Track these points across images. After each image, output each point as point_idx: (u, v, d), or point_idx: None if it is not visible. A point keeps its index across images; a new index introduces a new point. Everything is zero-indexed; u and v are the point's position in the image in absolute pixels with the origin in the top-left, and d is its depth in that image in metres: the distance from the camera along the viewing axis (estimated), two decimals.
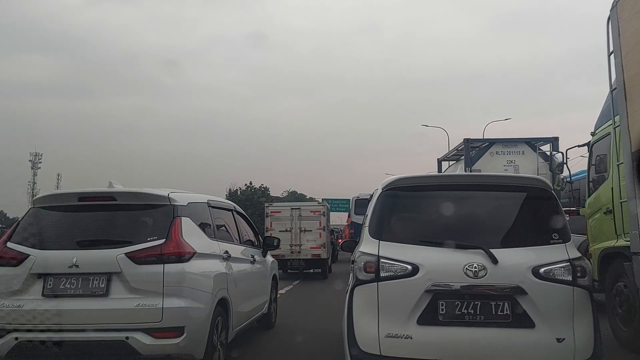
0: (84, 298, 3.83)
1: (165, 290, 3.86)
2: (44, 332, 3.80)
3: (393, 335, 3.41)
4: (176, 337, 3.82)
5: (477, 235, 3.61)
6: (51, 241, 4.05)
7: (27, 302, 3.85)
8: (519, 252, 3.51)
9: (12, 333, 3.80)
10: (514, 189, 3.88)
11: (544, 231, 3.61)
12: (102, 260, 3.89)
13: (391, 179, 3.97)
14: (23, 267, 3.91)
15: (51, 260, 3.91)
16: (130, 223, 4.18)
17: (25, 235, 4.11)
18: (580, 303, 3.43)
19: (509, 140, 12.85)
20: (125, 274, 3.85)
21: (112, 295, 3.84)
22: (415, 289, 3.43)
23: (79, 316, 3.79)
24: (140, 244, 3.94)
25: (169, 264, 3.93)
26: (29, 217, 4.27)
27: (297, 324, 7.22)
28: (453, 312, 3.40)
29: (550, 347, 3.32)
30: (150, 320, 3.79)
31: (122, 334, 3.74)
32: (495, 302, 3.39)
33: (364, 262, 3.57)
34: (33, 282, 3.89)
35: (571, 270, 3.44)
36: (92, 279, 3.86)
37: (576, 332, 3.36)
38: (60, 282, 3.88)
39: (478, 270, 3.39)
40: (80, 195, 4.26)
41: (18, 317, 3.82)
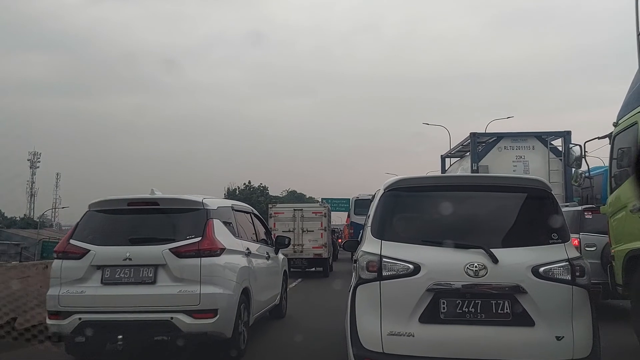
0: (135, 285, 4.73)
1: (202, 279, 4.75)
2: (103, 313, 4.71)
3: (395, 333, 3.52)
4: (211, 318, 4.71)
5: (478, 235, 3.71)
6: (107, 238, 4.95)
7: (88, 289, 4.76)
8: (518, 252, 3.61)
9: (76, 314, 4.69)
10: (514, 190, 4.00)
11: (543, 231, 3.72)
12: (151, 254, 4.79)
13: (393, 179, 4.10)
14: (85, 260, 4.81)
15: (109, 254, 4.82)
16: (172, 224, 5.08)
17: (85, 233, 5.01)
18: (579, 302, 3.53)
19: (518, 135, 12.38)
20: (169, 266, 4.75)
21: (159, 283, 4.74)
22: (417, 288, 3.54)
23: (131, 300, 4.69)
24: (181, 241, 4.84)
25: (205, 257, 4.83)
26: (86, 219, 5.18)
27: (304, 315, 8.15)
28: (454, 311, 3.51)
29: (549, 344, 3.42)
30: (190, 304, 4.68)
31: (167, 315, 4.63)
32: (495, 301, 3.50)
33: (367, 262, 3.68)
34: (93, 272, 4.80)
35: (570, 269, 3.54)
36: (142, 269, 4.77)
37: (575, 330, 3.45)
38: (116, 272, 4.78)
39: (479, 270, 3.49)
40: (129, 200, 5.19)
41: (81, 301, 4.72)
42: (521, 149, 12.14)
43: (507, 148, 12.17)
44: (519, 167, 11.94)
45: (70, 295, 4.74)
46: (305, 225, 15.46)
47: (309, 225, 15.48)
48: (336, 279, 14.76)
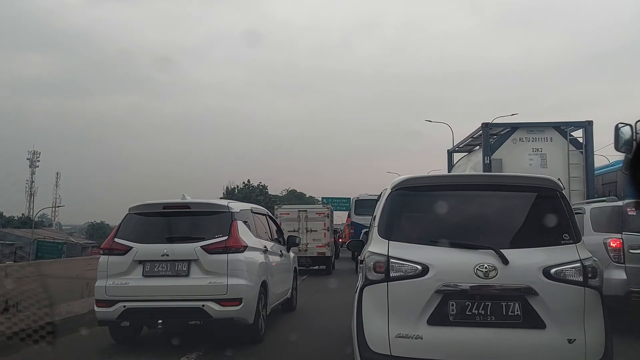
0: (172, 277, 5.59)
1: (229, 272, 5.60)
2: (144, 301, 5.55)
3: (403, 336, 3.51)
4: (236, 305, 5.56)
5: (488, 236, 3.69)
6: (147, 237, 5.80)
7: (131, 280, 5.61)
8: (529, 253, 3.58)
9: (121, 302, 5.55)
10: (524, 189, 3.95)
11: (554, 231, 3.68)
12: (185, 251, 5.64)
13: (400, 178, 4.09)
14: (128, 255, 5.67)
15: (148, 251, 5.67)
16: (202, 224, 5.93)
17: (127, 233, 5.87)
18: (591, 304, 3.49)
19: (534, 125, 11.55)
20: (200, 261, 5.60)
21: (192, 275, 5.59)
22: (425, 289, 3.52)
23: (169, 290, 5.54)
24: (211, 240, 5.69)
25: (231, 253, 5.68)
26: (127, 220, 6.03)
27: (312, 309, 9.02)
28: (463, 313, 3.49)
29: (561, 347, 3.40)
30: (218, 293, 5.53)
31: (199, 303, 5.48)
32: (506, 303, 3.47)
33: (374, 262, 3.67)
34: (135, 266, 5.65)
35: (582, 270, 3.51)
36: (177, 264, 5.62)
37: (587, 333, 3.42)
38: (155, 266, 5.64)
39: (489, 271, 3.47)
40: (164, 205, 6.06)
41: (125, 291, 5.57)
42: (538, 140, 11.27)
43: (523, 140, 11.28)
44: (535, 160, 11.13)
45: (115, 286, 5.60)
46: (309, 225, 16.60)
47: (313, 225, 16.60)
48: (339, 276, 15.80)
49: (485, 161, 11.14)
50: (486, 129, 11.51)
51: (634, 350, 5.53)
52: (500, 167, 10.95)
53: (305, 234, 16.28)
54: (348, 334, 4.18)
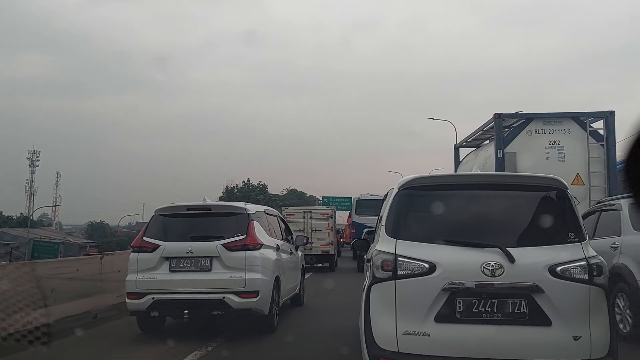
0: (196, 272, 6.30)
1: (247, 267, 6.29)
2: (171, 294, 6.25)
3: (410, 333, 3.59)
4: (254, 298, 6.25)
5: (494, 234, 3.77)
6: (172, 236, 6.51)
7: (159, 275, 6.31)
8: (535, 251, 3.66)
9: (150, 295, 6.24)
10: (530, 189, 4.05)
11: (560, 230, 3.77)
12: (207, 249, 6.35)
13: (407, 178, 4.17)
14: (156, 253, 6.37)
15: (174, 248, 6.38)
16: (222, 224, 6.64)
17: (154, 232, 6.57)
18: (596, 301, 3.58)
19: (551, 116, 10.90)
20: (221, 257, 6.31)
21: (214, 270, 6.30)
22: (432, 287, 3.60)
23: (193, 284, 6.24)
24: (230, 238, 6.39)
25: (248, 251, 6.38)
26: (154, 221, 6.75)
27: (318, 303, 9.74)
28: (470, 310, 3.57)
29: (566, 344, 3.48)
30: (238, 286, 6.23)
31: (221, 295, 6.17)
32: (512, 300, 3.55)
33: (382, 261, 3.76)
34: (162, 262, 6.36)
35: (587, 269, 3.59)
36: (201, 260, 6.33)
37: (592, 330, 3.50)
38: (180, 262, 6.35)
39: (495, 269, 3.55)
40: (187, 207, 6.78)
41: (154, 284, 6.27)
42: (555, 132, 10.65)
43: (539, 132, 10.65)
44: (552, 154, 10.51)
45: (145, 280, 6.31)
46: (314, 225, 17.86)
47: (317, 225, 17.87)
48: (341, 273, 16.79)
49: (497, 155, 10.50)
50: (498, 120, 10.77)
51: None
52: (514, 161, 10.41)
53: (310, 233, 17.40)
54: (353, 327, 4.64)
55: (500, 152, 10.59)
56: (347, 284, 12.99)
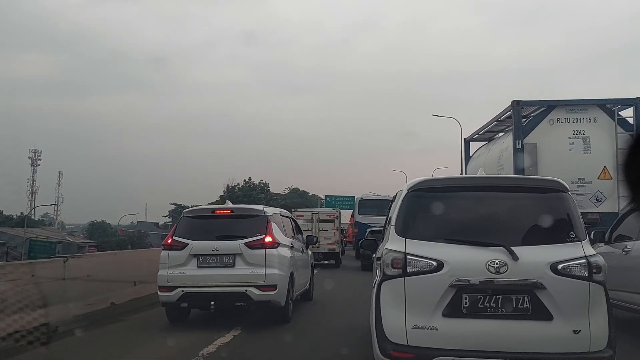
0: (221, 268, 7.16)
1: (266, 263, 7.16)
2: (199, 287, 7.12)
3: (419, 327, 3.85)
4: (272, 291, 7.11)
5: (498, 234, 4.02)
6: (199, 235, 7.37)
7: (188, 270, 7.18)
8: (537, 250, 3.90)
9: (180, 288, 7.11)
10: (532, 190, 4.34)
11: (561, 230, 4.04)
12: (231, 247, 7.21)
13: (416, 180, 4.48)
14: (185, 250, 7.24)
15: (201, 247, 7.24)
16: (243, 225, 7.51)
17: (183, 232, 7.44)
18: (595, 297, 3.81)
19: (575, 103, 10.14)
20: (243, 254, 7.19)
21: (237, 266, 7.17)
22: (440, 284, 3.87)
23: (218, 278, 7.09)
24: (251, 237, 7.26)
25: (267, 249, 7.25)
26: (182, 222, 7.63)
27: (326, 298, 10.64)
28: (476, 305, 3.83)
29: (567, 338, 3.73)
30: (258, 281, 7.09)
31: (243, 288, 7.04)
32: (515, 296, 3.81)
33: (392, 259, 4.03)
34: (191, 259, 7.23)
35: (587, 266, 3.83)
36: (225, 257, 7.14)
37: (592, 324, 3.75)
38: (207, 259, 7.23)
39: (499, 267, 3.81)
40: (212, 209, 7.71)
41: (183, 279, 7.14)
42: (580, 121, 9.95)
43: (561, 120, 9.96)
44: (577, 144, 9.79)
45: (175, 275, 7.19)
46: (321, 225, 20.15)
47: (324, 225, 20.16)
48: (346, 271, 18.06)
49: (516, 146, 9.84)
50: (517, 108, 10.05)
51: None
52: (534, 152, 9.78)
53: (317, 232, 19.36)
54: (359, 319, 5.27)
55: (519, 143, 9.82)
56: (351, 282, 14.07)
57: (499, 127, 12.36)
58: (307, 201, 66.51)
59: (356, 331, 6.53)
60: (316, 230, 19.64)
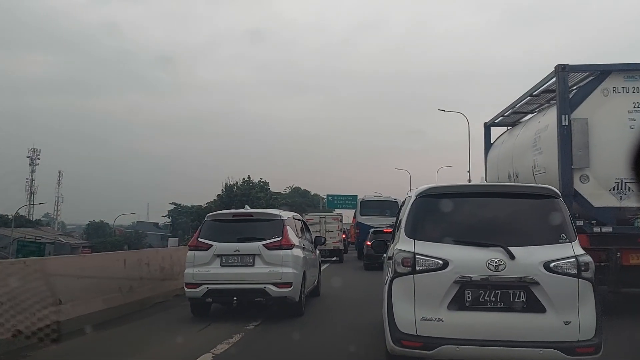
0: (242, 267, 8.14)
1: (282, 263, 8.21)
2: (222, 284, 8.15)
3: (427, 319, 4.40)
4: (288, 288, 8.15)
5: (497, 235, 4.55)
6: (222, 237, 8.40)
7: (212, 269, 8.23)
8: (532, 250, 4.43)
9: (205, 285, 8.15)
10: (528, 196, 4.97)
11: (553, 232, 4.56)
12: (251, 248, 8.26)
13: (424, 187, 5.08)
14: (210, 251, 8.28)
15: (224, 247, 8.22)
16: (262, 228, 8.56)
17: (207, 234, 8.48)
18: (584, 292, 4.33)
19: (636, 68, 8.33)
20: (262, 255, 8.19)
21: (256, 265, 8.22)
22: (445, 280, 4.41)
23: (240, 276, 8.09)
24: (269, 239, 8.30)
25: (284, 250, 8.29)
26: (206, 225, 8.67)
27: (333, 293, 11.76)
28: (477, 300, 4.36)
29: (559, 328, 4.25)
30: (276, 279, 8.14)
31: (262, 285, 8.08)
32: (512, 291, 4.34)
33: (402, 258, 4.59)
34: (215, 259, 8.27)
35: (577, 264, 4.36)
36: (245, 257, 8.20)
37: (581, 316, 4.28)
38: (229, 258, 8.23)
39: (498, 265, 4.34)
40: (233, 214, 8.79)
41: (208, 276, 8.17)
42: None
43: (618, 90, 8.26)
44: (638, 120, 8.04)
45: (200, 273, 8.24)
46: (327, 227, 25.15)
47: (330, 227, 25.18)
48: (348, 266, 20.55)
49: (561, 122, 8.26)
50: (562, 75, 8.38)
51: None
52: (585, 130, 8.19)
53: (324, 233, 23.78)
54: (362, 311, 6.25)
55: (565, 118, 8.28)
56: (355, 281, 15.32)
57: (530, 106, 10.61)
58: (308, 200, 67.66)
59: (363, 323, 7.59)
60: (323, 231, 24.00)
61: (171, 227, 61.54)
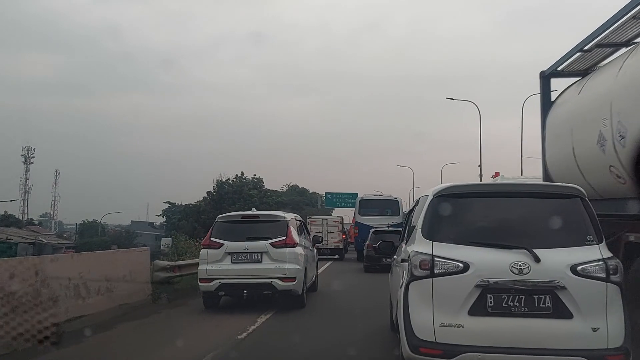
0: (250, 263, 9.56)
1: (287, 260, 9.60)
2: (233, 279, 9.56)
3: (447, 325, 4.33)
4: (293, 282, 9.57)
5: (520, 237, 4.48)
6: (233, 236, 9.80)
7: (223, 265, 9.62)
8: (558, 252, 4.37)
9: (217, 279, 9.56)
10: (552, 196, 4.91)
11: (579, 233, 4.51)
12: (259, 246, 9.65)
13: (442, 186, 5.04)
14: (221, 249, 9.67)
15: (235, 246, 9.64)
16: (268, 228, 9.94)
17: (218, 234, 9.88)
18: (612, 297, 4.25)
19: None
20: (269, 252, 9.57)
21: (263, 262, 9.61)
22: (466, 284, 4.34)
23: (249, 272, 9.50)
24: (275, 238, 9.70)
25: (288, 248, 9.71)
26: (218, 225, 10.06)
27: (330, 289, 13.27)
28: (500, 305, 4.29)
29: (586, 335, 4.17)
30: (281, 274, 9.56)
31: (269, 280, 9.48)
32: (537, 296, 4.26)
33: (420, 261, 4.52)
34: (226, 256, 9.66)
35: (605, 268, 4.29)
36: (254, 254, 9.60)
37: (609, 322, 4.19)
38: (239, 256, 9.63)
39: (522, 268, 4.28)
40: (242, 215, 10.25)
41: (220, 272, 9.57)
42: None
43: None
44: None
45: (213, 269, 9.64)
46: (329, 228, 29.05)
47: (331, 228, 29.16)
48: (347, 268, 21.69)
49: None
50: None
51: None
52: None
53: (326, 234, 28.16)
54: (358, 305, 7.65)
55: None
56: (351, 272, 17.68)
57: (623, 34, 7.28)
58: (307, 199, 68.97)
59: (356, 312, 9.07)
60: (325, 232, 28.30)
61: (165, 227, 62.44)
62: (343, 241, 29.48)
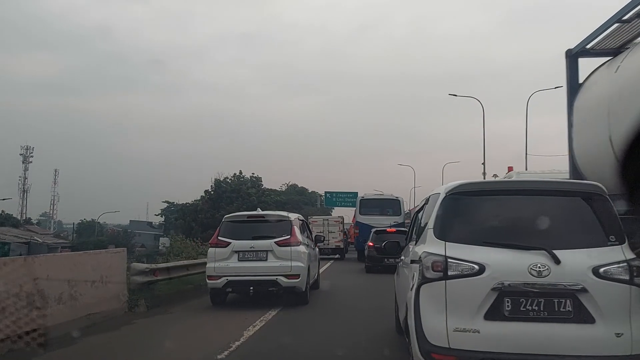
0: (256, 261, 10.09)
1: (292, 258, 10.11)
2: (240, 276, 10.08)
3: (461, 330, 4.16)
4: (297, 279, 10.10)
5: (539, 237, 4.29)
6: (239, 236, 10.34)
7: (230, 263, 10.15)
8: (579, 253, 4.22)
9: (224, 277, 10.08)
10: (572, 194, 4.69)
11: (601, 233, 4.34)
12: (264, 245, 10.18)
13: (454, 184, 4.84)
14: (228, 248, 10.21)
15: (241, 244, 10.21)
16: (273, 227, 10.54)
17: (225, 233, 10.41)
18: (637, 301, 4.07)
19: None
20: (274, 251, 10.09)
21: (269, 260, 10.13)
22: (482, 287, 4.18)
23: (255, 269, 10.03)
24: (280, 237, 10.23)
25: (292, 246, 10.24)
26: (224, 225, 10.60)
27: (331, 285, 13.86)
28: (518, 308, 4.13)
29: (609, 340, 4.01)
30: (286, 271, 10.07)
31: (274, 277, 10.00)
32: (557, 299, 4.11)
33: (432, 262, 4.36)
34: (233, 254, 10.19)
35: (628, 270, 4.12)
36: (260, 253, 10.13)
37: (633, 327, 4.02)
38: (245, 254, 10.17)
39: (542, 270, 4.12)
40: (248, 215, 10.79)
41: (227, 270, 10.09)
42: None
43: None
44: None
45: (220, 267, 10.17)
46: (330, 228, 29.88)
47: (332, 228, 30.02)
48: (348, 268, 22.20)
49: None
50: None
51: None
52: None
53: (327, 234, 28.63)
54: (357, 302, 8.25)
55: None
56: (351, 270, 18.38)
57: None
58: (306, 198, 69.45)
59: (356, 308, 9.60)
60: (326, 232, 28.90)
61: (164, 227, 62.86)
62: (344, 241, 30.42)
